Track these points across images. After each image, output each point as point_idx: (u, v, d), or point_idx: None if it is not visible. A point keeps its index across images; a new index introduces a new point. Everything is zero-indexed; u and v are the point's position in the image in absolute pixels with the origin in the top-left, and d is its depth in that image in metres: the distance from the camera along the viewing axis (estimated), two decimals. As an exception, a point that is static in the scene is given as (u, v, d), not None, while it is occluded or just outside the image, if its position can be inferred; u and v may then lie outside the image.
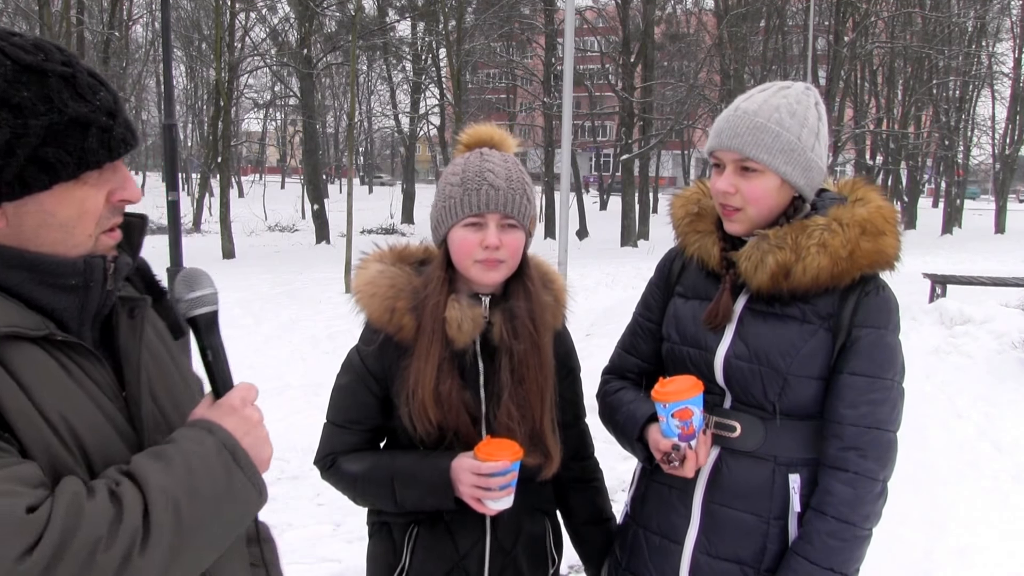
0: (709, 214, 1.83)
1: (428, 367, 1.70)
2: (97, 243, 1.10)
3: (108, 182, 1.09)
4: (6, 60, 1.00)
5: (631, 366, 1.97)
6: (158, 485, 1.00)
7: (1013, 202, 38.73)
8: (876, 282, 1.72)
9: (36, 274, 1.05)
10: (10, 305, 1.03)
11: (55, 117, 1.01)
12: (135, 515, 0.97)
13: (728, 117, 1.73)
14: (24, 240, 1.05)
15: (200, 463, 1.05)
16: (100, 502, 0.96)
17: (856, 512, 1.64)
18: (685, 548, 1.77)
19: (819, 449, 1.71)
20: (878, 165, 28.95)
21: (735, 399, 1.75)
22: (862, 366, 1.67)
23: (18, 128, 0.99)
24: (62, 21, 14.86)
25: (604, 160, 42.13)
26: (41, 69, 1.02)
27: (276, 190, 43.49)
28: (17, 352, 1.00)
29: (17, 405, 0.98)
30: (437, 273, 1.75)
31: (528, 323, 1.75)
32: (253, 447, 1.12)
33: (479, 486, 1.66)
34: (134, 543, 0.95)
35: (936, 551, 3.95)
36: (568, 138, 6.90)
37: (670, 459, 1.68)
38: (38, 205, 1.03)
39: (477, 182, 1.70)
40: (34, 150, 1.00)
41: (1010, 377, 6.86)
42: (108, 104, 1.07)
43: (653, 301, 1.95)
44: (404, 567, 1.80)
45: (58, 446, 1.01)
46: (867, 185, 1.81)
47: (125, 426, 1.11)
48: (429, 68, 28.45)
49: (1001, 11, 27.98)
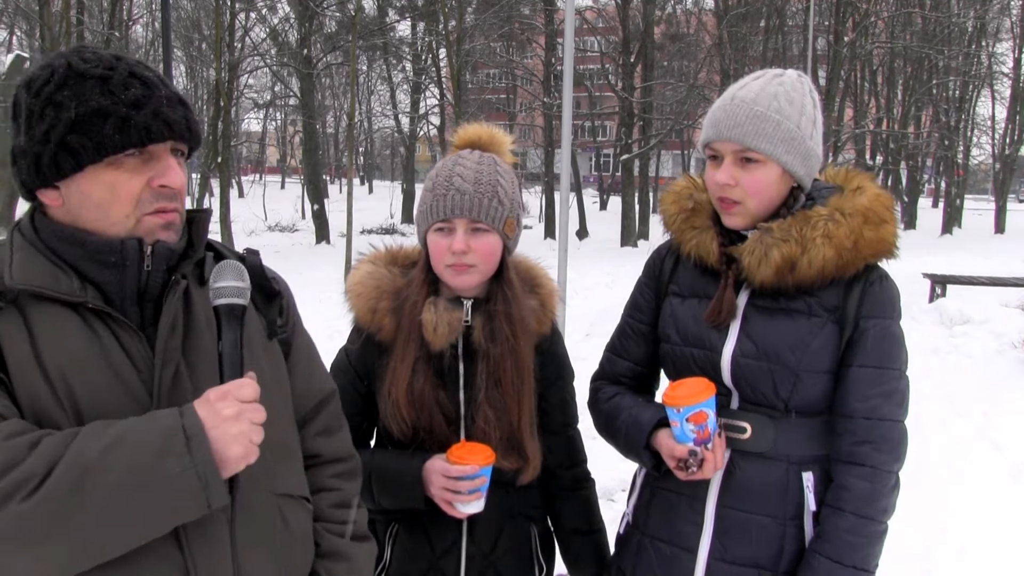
0: (704, 209, 1.77)
1: (403, 367, 1.72)
2: (139, 224, 1.21)
3: (149, 169, 1.21)
4: (68, 69, 1.19)
5: (623, 370, 1.91)
6: (76, 449, 1.04)
7: (1013, 202, 38.65)
8: (878, 272, 1.69)
9: (85, 250, 1.19)
10: (56, 272, 1.18)
11: (80, 110, 1.16)
12: (36, 466, 1.02)
13: (725, 107, 1.67)
14: (73, 217, 1.20)
15: (133, 437, 1.07)
16: (15, 445, 1.04)
17: (873, 506, 1.62)
18: (699, 555, 1.72)
19: (829, 445, 1.68)
20: (878, 165, 28.89)
21: (743, 399, 1.71)
22: (871, 358, 1.64)
23: (54, 121, 1.16)
24: (62, 21, 14.82)
25: (604, 160, 42.08)
26: (85, 74, 1.18)
27: (276, 190, 43.40)
28: (41, 310, 1.15)
29: (18, 355, 1.12)
30: (419, 276, 1.77)
31: (505, 327, 1.75)
32: (217, 440, 1.11)
33: (448, 488, 1.67)
34: (18, 488, 1.01)
35: (936, 551, 3.95)
36: (568, 138, 6.89)
37: (687, 465, 1.63)
38: (78, 186, 1.19)
39: (445, 187, 1.71)
40: (62, 138, 1.16)
41: (1009, 377, 6.86)
42: (135, 98, 1.18)
43: (644, 301, 1.89)
44: (386, 564, 1.82)
45: (48, 398, 1.12)
46: (861, 173, 1.77)
47: (144, 396, 1.18)
48: (429, 68, 28.40)
49: (1001, 11, 27.93)
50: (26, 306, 1.15)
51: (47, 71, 1.20)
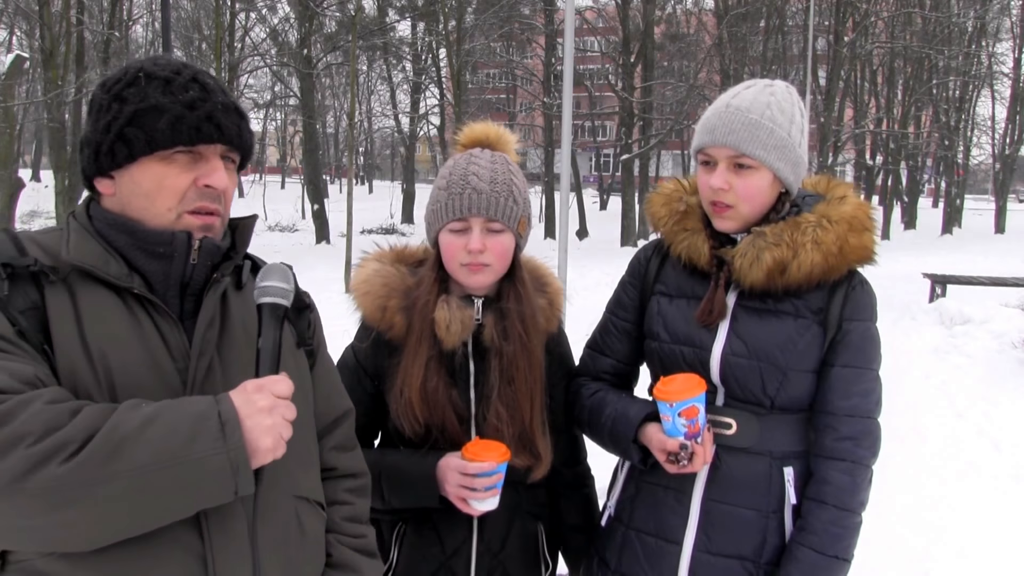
0: (695, 212, 1.83)
1: (415, 366, 1.72)
2: (179, 219, 1.27)
3: (197, 169, 1.28)
4: (139, 71, 1.28)
5: (605, 367, 1.95)
6: (115, 422, 1.07)
7: (1013, 202, 38.67)
8: (859, 277, 1.78)
9: (135, 239, 1.26)
10: (107, 256, 1.24)
11: (140, 105, 1.25)
12: (77, 432, 1.05)
13: (720, 114, 1.73)
14: (123, 206, 1.28)
15: (171, 421, 1.10)
16: (56, 410, 1.06)
17: (854, 499, 1.70)
18: (685, 547, 1.77)
19: (808, 441, 1.76)
20: (878, 165, 28.94)
21: (729, 395, 1.76)
22: (853, 358, 1.73)
23: (116, 114, 1.25)
24: (62, 21, 14.83)
25: (604, 160, 42.10)
26: (153, 75, 1.27)
27: (276, 190, 43.44)
28: (89, 290, 1.21)
29: (64, 328, 1.17)
30: (429, 274, 1.77)
31: (518, 325, 1.75)
32: (251, 430, 1.14)
33: (465, 486, 1.67)
34: (58, 452, 1.03)
35: (936, 551, 3.96)
36: (568, 138, 6.89)
37: (678, 458, 1.69)
38: (130, 176, 1.26)
39: (461, 186, 1.70)
40: (120, 129, 1.25)
41: (1010, 377, 6.87)
42: (191, 100, 1.26)
43: (627, 299, 1.94)
44: (392, 564, 1.81)
45: (87, 372, 1.17)
46: (844, 184, 1.87)
47: (176, 384, 1.23)
48: (429, 68, 28.43)
49: (1001, 11, 27.95)
50: (75, 284, 1.21)
51: (123, 72, 1.30)
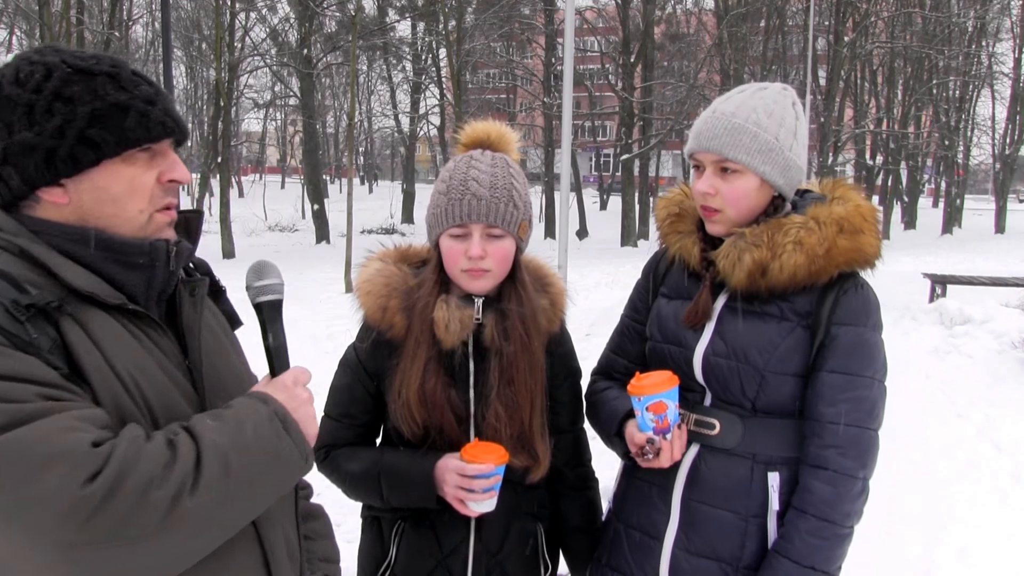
0: (690, 215, 1.85)
1: (414, 366, 1.72)
2: (151, 220, 1.23)
3: (158, 165, 1.24)
4: (65, 66, 1.19)
5: (619, 367, 1.97)
6: (211, 439, 1.10)
7: (1013, 202, 38.66)
8: (855, 280, 1.72)
9: (110, 252, 1.19)
10: (90, 275, 1.17)
11: (98, 104, 1.17)
12: (188, 461, 1.06)
13: (706, 119, 1.74)
14: (85, 214, 1.19)
15: (252, 426, 1.15)
16: (158, 446, 1.07)
17: (836, 510, 1.65)
18: (665, 544, 1.78)
19: (799, 448, 1.72)
20: (878, 165, 28.93)
21: (715, 397, 1.76)
22: (840, 364, 1.67)
23: (68, 115, 1.16)
24: (62, 21, 14.84)
25: (604, 160, 42.10)
26: (90, 70, 1.19)
27: (276, 190, 43.43)
28: (93, 316, 1.15)
29: (92, 361, 1.12)
30: (431, 276, 1.76)
31: (519, 325, 1.75)
32: (302, 421, 1.22)
33: (463, 487, 1.67)
34: (184, 485, 1.05)
35: (936, 551, 3.95)
36: (568, 138, 6.90)
37: (644, 452, 1.70)
38: (92, 181, 1.18)
39: (460, 191, 1.70)
40: (81, 131, 1.16)
41: (1010, 377, 6.86)
42: (147, 94, 1.22)
43: (640, 302, 1.96)
44: (391, 562, 1.83)
45: (127, 399, 1.14)
46: (847, 185, 1.82)
47: (189, 390, 1.24)
48: (429, 68, 28.44)
49: (1001, 11, 27.98)
50: (76, 312, 1.13)
51: (39, 67, 1.17)
